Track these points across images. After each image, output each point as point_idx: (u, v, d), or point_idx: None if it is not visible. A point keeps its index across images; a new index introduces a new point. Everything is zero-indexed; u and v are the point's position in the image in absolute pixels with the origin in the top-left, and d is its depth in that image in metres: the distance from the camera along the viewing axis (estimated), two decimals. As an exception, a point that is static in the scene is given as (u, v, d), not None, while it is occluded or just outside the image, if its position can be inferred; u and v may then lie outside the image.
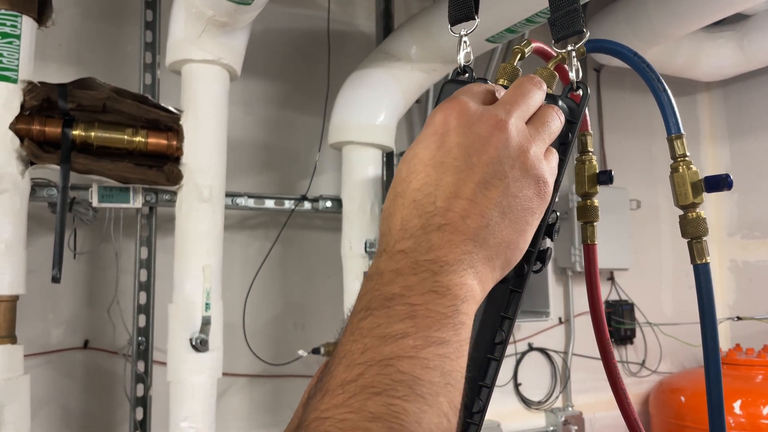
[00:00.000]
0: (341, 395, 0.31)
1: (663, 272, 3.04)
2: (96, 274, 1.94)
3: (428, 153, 0.38)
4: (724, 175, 0.50)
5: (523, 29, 1.59)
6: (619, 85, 2.97)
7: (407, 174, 0.39)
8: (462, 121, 0.39)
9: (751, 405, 2.26)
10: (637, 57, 0.51)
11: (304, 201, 2.07)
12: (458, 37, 0.49)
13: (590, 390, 2.67)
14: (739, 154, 3.17)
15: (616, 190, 2.69)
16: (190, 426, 1.51)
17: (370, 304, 0.35)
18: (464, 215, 0.37)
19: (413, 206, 0.37)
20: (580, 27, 0.46)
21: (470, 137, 0.38)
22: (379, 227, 0.40)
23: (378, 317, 0.34)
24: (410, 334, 0.33)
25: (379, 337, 0.33)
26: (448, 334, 0.34)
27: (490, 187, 0.38)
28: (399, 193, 0.38)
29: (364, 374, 0.32)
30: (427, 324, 0.34)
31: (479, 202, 0.37)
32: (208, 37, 1.56)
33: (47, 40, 1.85)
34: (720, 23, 2.56)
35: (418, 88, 2.01)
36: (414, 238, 0.36)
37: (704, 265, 0.50)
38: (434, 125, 0.39)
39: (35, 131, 1.46)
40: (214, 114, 1.62)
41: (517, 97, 0.41)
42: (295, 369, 2.13)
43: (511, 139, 0.39)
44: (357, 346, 0.33)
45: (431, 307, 0.34)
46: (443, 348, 0.33)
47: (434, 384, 0.32)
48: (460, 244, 0.36)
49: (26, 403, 1.41)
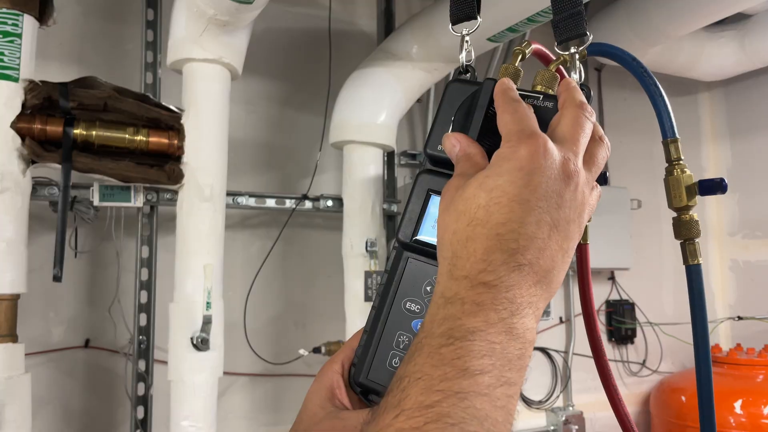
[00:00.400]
0: (418, 418, 0.33)
1: (664, 272, 3.04)
2: (97, 273, 1.95)
3: (515, 189, 0.39)
4: (719, 179, 0.50)
5: (524, 28, 1.59)
6: (621, 85, 2.97)
7: (487, 202, 0.39)
8: (548, 164, 0.39)
9: (752, 405, 2.25)
10: (636, 62, 0.52)
11: (305, 200, 2.07)
12: (460, 37, 0.49)
13: (591, 389, 2.67)
14: (740, 154, 3.17)
15: (617, 189, 2.69)
16: (191, 425, 1.52)
17: (453, 333, 0.36)
18: (539, 256, 0.38)
19: (497, 239, 0.38)
20: (583, 30, 0.47)
21: (551, 182, 0.39)
22: (447, 245, 0.40)
23: (460, 349, 0.35)
24: (487, 372, 0.35)
25: (459, 369, 0.34)
26: (515, 376, 0.36)
27: (559, 231, 0.39)
28: (479, 222, 0.39)
29: (441, 402, 0.33)
30: (501, 364, 0.35)
31: (550, 246, 0.39)
32: (209, 36, 1.56)
33: (48, 38, 1.85)
34: (721, 23, 2.56)
35: (419, 88, 2.01)
36: (496, 273, 0.37)
37: (696, 266, 0.50)
38: (519, 161, 0.39)
39: (36, 130, 1.46)
40: (215, 113, 1.63)
41: (580, 137, 0.42)
42: (296, 368, 2.14)
43: (579, 188, 0.41)
44: (437, 372, 0.35)
45: (506, 347, 0.36)
46: (511, 389, 0.36)
47: (499, 423, 0.34)
48: (532, 287, 0.38)
49: (27, 402, 1.41)
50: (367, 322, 0.48)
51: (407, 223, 0.47)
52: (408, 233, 0.46)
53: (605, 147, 0.44)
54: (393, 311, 0.46)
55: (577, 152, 0.41)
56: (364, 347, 0.47)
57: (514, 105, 0.43)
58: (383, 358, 0.46)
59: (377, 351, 0.46)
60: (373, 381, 0.46)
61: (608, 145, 0.45)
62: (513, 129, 0.41)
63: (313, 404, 0.47)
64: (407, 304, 0.46)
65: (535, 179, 0.39)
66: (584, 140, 0.42)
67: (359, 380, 0.46)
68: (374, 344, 0.46)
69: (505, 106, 0.43)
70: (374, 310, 0.48)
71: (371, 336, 0.47)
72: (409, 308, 0.46)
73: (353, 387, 0.47)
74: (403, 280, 0.47)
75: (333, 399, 0.46)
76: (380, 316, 0.47)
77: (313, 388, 0.48)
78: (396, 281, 0.47)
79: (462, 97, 0.47)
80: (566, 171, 0.40)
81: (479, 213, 0.39)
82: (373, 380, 0.46)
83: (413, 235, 0.46)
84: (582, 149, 0.42)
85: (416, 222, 0.46)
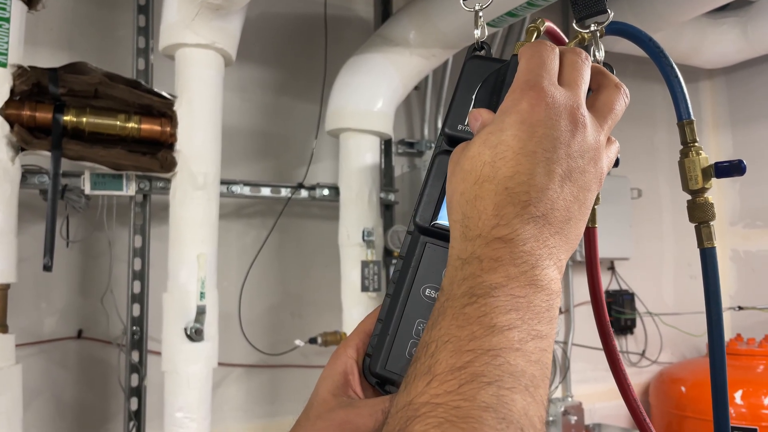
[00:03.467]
0: (452, 381, 0.32)
1: (664, 262, 3.03)
2: (89, 262, 1.92)
3: (519, 142, 0.37)
4: (737, 161, 0.48)
5: (524, 12, 1.56)
6: (621, 72, 2.87)
7: (493, 159, 0.38)
8: (551, 113, 0.38)
9: (753, 395, 2.24)
10: (652, 42, 0.51)
11: (300, 189, 2.04)
12: (474, 12, 0.48)
13: (590, 380, 2.66)
14: (741, 142, 3.14)
15: (617, 178, 2.67)
16: (185, 416, 1.50)
17: (474, 290, 0.35)
18: (553, 207, 0.37)
19: (506, 194, 0.37)
20: (604, 7, 0.46)
21: (557, 131, 0.38)
22: (456, 207, 0.39)
23: (484, 306, 0.34)
24: (515, 327, 0.34)
25: (487, 327, 0.33)
26: (545, 328, 0.35)
27: (572, 180, 0.38)
28: (486, 178, 0.38)
29: (473, 362, 0.32)
30: (529, 317, 0.34)
31: (565, 196, 0.38)
32: (202, 20, 1.53)
33: (37, 23, 1.82)
34: (723, 9, 2.52)
35: (417, 74, 1.98)
36: (510, 226, 0.36)
37: (711, 249, 0.48)
38: (521, 113, 0.38)
39: (25, 117, 1.43)
40: (208, 100, 1.60)
41: (580, 82, 0.41)
42: (291, 359, 2.12)
43: (589, 135, 0.39)
44: (464, 333, 0.34)
45: (532, 299, 0.35)
46: (542, 342, 0.35)
47: (536, 377, 0.33)
48: (550, 238, 0.37)
49: (18, 394, 1.39)
50: (382, 310, 0.46)
51: (425, 206, 0.45)
52: (427, 217, 0.44)
53: (623, 95, 0.43)
54: (411, 299, 0.44)
55: (579, 97, 0.40)
56: (380, 336, 0.45)
57: (531, 50, 0.42)
58: (402, 347, 0.44)
59: (395, 340, 0.44)
60: (392, 371, 0.44)
61: (627, 93, 0.44)
62: (520, 79, 0.40)
63: (325, 390, 0.45)
64: (426, 291, 0.44)
65: (540, 131, 0.38)
66: (584, 85, 0.41)
67: (376, 371, 0.44)
68: (391, 333, 0.44)
69: (524, 51, 0.42)
70: (389, 298, 0.45)
71: (387, 325, 0.45)
72: (428, 295, 0.44)
73: (368, 378, 0.45)
74: (421, 266, 0.45)
75: (346, 386, 0.45)
76: (396, 304, 0.45)
77: (325, 374, 0.46)
78: (414, 267, 0.45)
79: (482, 75, 0.45)
80: (573, 120, 0.39)
81: (485, 170, 0.38)
82: (392, 370, 0.44)
83: (432, 219, 0.44)
84: (583, 94, 0.41)
85: (435, 205, 0.44)
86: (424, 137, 2.46)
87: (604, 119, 0.41)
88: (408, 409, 0.32)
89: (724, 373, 0.47)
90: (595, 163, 0.40)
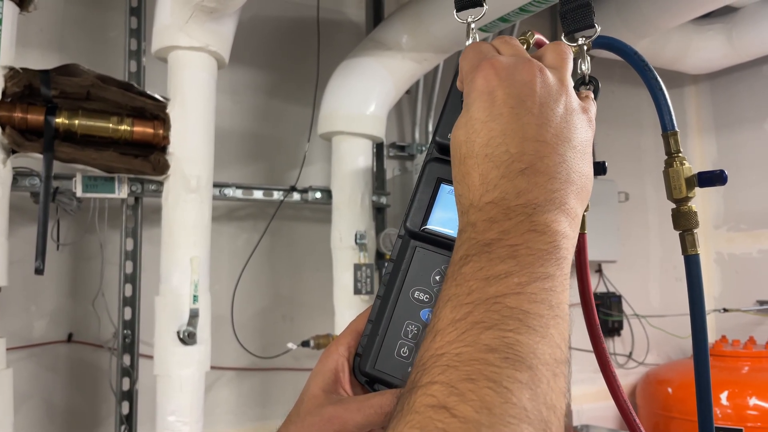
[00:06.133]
0: (452, 332, 0.32)
1: (650, 264, 3.06)
2: (80, 265, 1.91)
3: (483, 112, 0.39)
4: (719, 171, 0.50)
5: (516, 18, 1.58)
6: (608, 77, 2.97)
7: (467, 136, 0.39)
8: (502, 75, 0.39)
9: (738, 396, 2.28)
10: (637, 55, 0.52)
11: (293, 192, 2.05)
12: (465, 25, 0.48)
13: (578, 382, 2.69)
14: (725, 147, 3.19)
15: (604, 182, 2.70)
16: (177, 420, 1.49)
17: (468, 251, 0.36)
18: (540, 155, 0.37)
19: (487, 160, 0.38)
20: (591, 22, 0.47)
21: (516, 86, 0.39)
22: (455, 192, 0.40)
23: (479, 261, 0.35)
24: (514, 273, 0.34)
25: (483, 279, 0.34)
26: (551, 268, 0.35)
27: (551, 124, 0.38)
28: (466, 155, 0.39)
29: (472, 312, 0.33)
30: (529, 261, 0.34)
31: (549, 140, 0.38)
32: (195, 23, 1.53)
33: (29, 25, 1.81)
34: (709, 16, 2.57)
35: (409, 78, 1.99)
36: (499, 187, 0.37)
37: (695, 256, 0.50)
38: (478, 88, 0.40)
39: (17, 119, 1.42)
40: (201, 102, 1.60)
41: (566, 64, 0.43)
42: (284, 362, 2.12)
43: (548, 77, 0.40)
44: (462, 290, 0.34)
45: (532, 245, 0.35)
46: (548, 282, 0.34)
47: (543, 317, 0.33)
48: (546, 184, 0.37)
49: (9, 398, 1.38)
50: (372, 311, 0.47)
51: (416, 211, 0.46)
52: (417, 222, 0.46)
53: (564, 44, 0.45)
54: (401, 301, 0.46)
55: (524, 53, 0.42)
56: (370, 337, 0.46)
57: (466, 49, 0.44)
58: (391, 347, 0.45)
59: (384, 341, 0.45)
60: (381, 371, 0.45)
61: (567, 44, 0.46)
62: (465, 69, 0.42)
63: (316, 386, 0.46)
64: (416, 293, 0.46)
65: (499, 93, 0.39)
66: (569, 66, 0.43)
67: (366, 370, 0.46)
68: (381, 334, 0.46)
69: (463, 54, 0.44)
70: (379, 299, 0.47)
71: (377, 326, 0.46)
72: (417, 297, 0.45)
73: (357, 376, 0.47)
74: (411, 270, 0.46)
75: (336, 383, 0.46)
76: (386, 305, 0.46)
77: (316, 370, 0.48)
78: (403, 270, 0.46)
79: None
80: (528, 70, 0.40)
81: (463, 149, 0.39)
82: (381, 370, 0.45)
83: (422, 224, 0.46)
84: (568, 73, 0.42)
85: (425, 211, 0.46)
86: (415, 140, 2.48)
87: (561, 63, 0.43)
88: (417, 366, 0.33)
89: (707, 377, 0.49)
90: (570, 101, 0.40)
